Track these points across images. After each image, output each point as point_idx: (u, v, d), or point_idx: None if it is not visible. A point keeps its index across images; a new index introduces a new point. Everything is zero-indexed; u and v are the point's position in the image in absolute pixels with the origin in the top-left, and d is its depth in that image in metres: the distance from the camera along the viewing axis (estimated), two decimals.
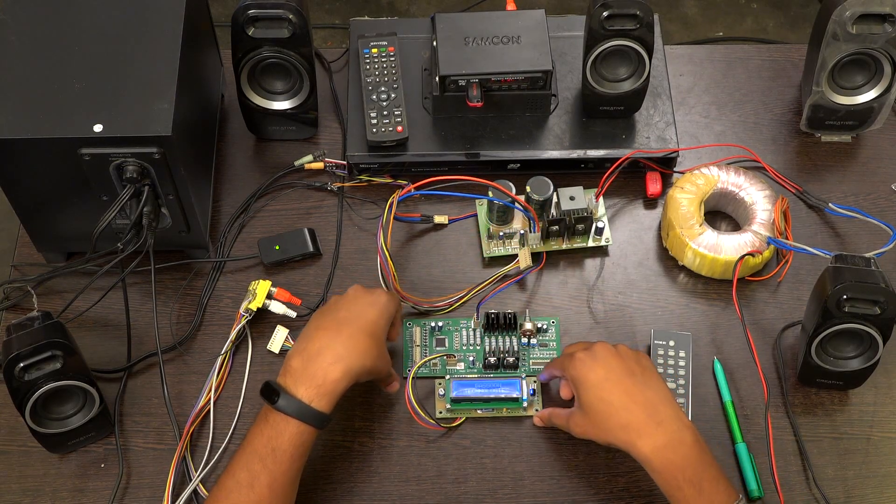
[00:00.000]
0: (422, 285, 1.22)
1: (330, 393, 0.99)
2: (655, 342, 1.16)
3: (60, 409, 1.06)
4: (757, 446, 1.11)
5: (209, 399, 1.13)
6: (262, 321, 1.19)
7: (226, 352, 1.16)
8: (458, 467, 1.11)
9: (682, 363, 1.15)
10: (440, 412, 1.13)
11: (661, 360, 1.15)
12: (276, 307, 1.18)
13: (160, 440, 1.12)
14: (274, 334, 1.18)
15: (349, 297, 1.06)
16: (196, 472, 1.09)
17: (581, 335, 1.19)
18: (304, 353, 1.01)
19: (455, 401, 1.12)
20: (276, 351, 1.17)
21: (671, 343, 1.16)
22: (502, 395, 1.12)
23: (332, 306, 1.06)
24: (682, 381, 1.14)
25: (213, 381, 1.14)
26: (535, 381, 1.14)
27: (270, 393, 0.99)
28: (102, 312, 1.19)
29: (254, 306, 1.16)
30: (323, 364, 1.00)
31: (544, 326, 1.19)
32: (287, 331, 1.18)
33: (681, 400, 1.12)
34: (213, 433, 1.12)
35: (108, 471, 1.11)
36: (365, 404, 1.14)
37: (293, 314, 1.18)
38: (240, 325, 1.16)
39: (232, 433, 1.13)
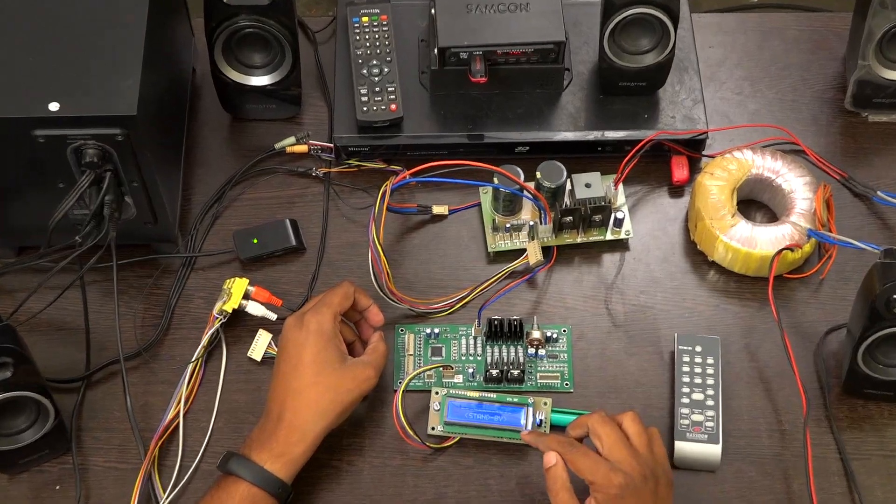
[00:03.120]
0: (419, 284, 1.20)
1: (285, 455, 1.01)
2: (680, 348, 1.12)
3: (11, 423, 1.04)
4: (795, 465, 1.08)
5: (178, 412, 1.11)
6: (238, 324, 1.16)
7: (197, 359, 1.13)
8: (460, 489, 1.08)
9: (710, 371, 1.11)
10: (433, 427, 1.10)
11: (686, 369, 1.11)
12: (254, 308, 1.15)
13: (123, 459, 1.10)
14: (255, 340, 1.15)
15: (282, 346, 1.07)
16: (163, 494, 1.06)
17: (598, 340, 1.17)
18: (261, 423, 1.04)
19: (449, 424, 1.09)
20: (258, 359, 1.14)
21: (698, 349, 1.12)
22: (503, 426, 1.08)
23: (277, 361, 1.07)
24: (710, 392, 1.09)
25: (183, 391, 1.12)
26: (544, 404, 1.09)
27: (224, 460, 1.02)
28: (58, 314, 1.16)
29: (229, 307, 1.14)
30: (279, 433, 1.02)
31: (554, 335, 1.15)
32: (270, 335, 1.15)
33: (710, 413, 1.08)
34: (183, 451, 1.10)
35: (65, 493, 1.08)
36: (354, 419, 1.10)
37: (273, 316, 1.16)
38: (213, 329, 1.14)
39: (204, 451, 1.10)
